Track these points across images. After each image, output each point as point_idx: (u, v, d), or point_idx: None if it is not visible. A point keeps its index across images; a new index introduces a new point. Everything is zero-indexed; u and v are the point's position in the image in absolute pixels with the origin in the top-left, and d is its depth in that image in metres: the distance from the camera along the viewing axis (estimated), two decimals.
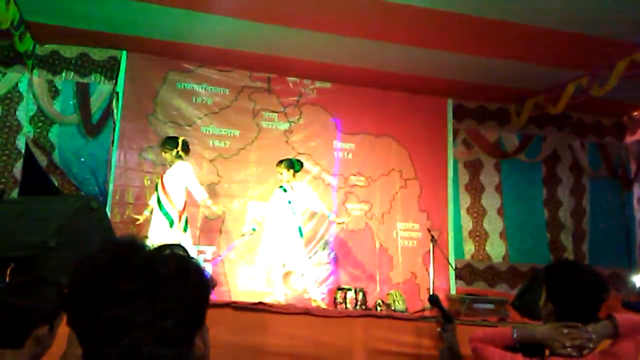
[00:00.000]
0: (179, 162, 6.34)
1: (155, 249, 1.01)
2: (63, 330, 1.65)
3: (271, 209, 6.57)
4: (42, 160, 7.33)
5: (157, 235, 6.12)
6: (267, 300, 5.90)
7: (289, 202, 6.44)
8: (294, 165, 6.58)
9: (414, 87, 8.11)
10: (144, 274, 0.95)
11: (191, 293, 0.99)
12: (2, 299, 2.05)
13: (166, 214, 6.22)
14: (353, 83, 8.10)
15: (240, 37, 6.90)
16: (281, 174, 6.50)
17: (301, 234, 6.51)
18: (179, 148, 6.35)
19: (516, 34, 6.31)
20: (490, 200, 8.81)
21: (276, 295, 6.39)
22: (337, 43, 6.83)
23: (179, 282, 0.97)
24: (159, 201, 6.30)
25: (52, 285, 2.12)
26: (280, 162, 6.58)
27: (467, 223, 8.68)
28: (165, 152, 6.38)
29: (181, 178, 6.28)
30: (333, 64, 7.52)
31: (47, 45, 7.38)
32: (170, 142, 6.42)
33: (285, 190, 6.50)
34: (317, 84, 8.13)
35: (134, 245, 1.01)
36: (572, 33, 6.22)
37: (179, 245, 1.03)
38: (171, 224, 6.18)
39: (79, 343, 0.96)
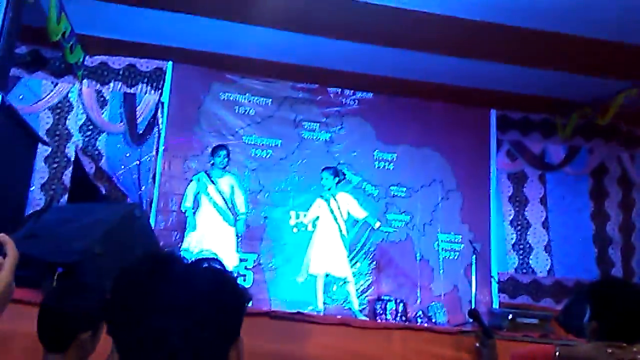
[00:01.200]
0: (229, 174, 6.69)
1: (192, 262, 1.03)
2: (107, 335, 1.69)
3: (313, 218, 6.60)
4: (90, 168, 7.54)
5: (221, 241, 6.37)
6: (306, 309, 5.90)
7: (331, 211, 6.47)
8: (339, 173, 6.66)
9: (456, 97, 8.03)
10: (181, 287, 0.98)
11: (226, 306, 1.01)
12: (49, 304, 2.12)
13: (230, 220, 6.50)
14: (394, 93, 8.07)
15: (283, 48, 6.97)
16: (326, 179, 6.56)
17: (344, 242, 6.52)
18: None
19: (562, 44, 6.19)
20: (535, 213, 8.61)
21: (317, 304, 6.40)
22: (379, 54, 6.83)
23: (215, 295, 1.00)
24: (219, 208, 6.50)
25: (96, 291, 2.17)
26: (327, 168, 6.68)
27: (510, 235, 8.51)
28: (224, 158, 6.56)
29: (232, 188, 6.60)
30: (375, 74, 7.53)
31: (96, 57, 7.60)
32: (226, 154, 6.61)
33: (327, 200, 6.53)
34: (359, 95, 8.13)
35: (172, 257, 1.03)
36: (619, 43, 6.08)
37: (215, 259, 1.05)
38: (236, 228, 6.54)
39: (116, 351, 0.99)
